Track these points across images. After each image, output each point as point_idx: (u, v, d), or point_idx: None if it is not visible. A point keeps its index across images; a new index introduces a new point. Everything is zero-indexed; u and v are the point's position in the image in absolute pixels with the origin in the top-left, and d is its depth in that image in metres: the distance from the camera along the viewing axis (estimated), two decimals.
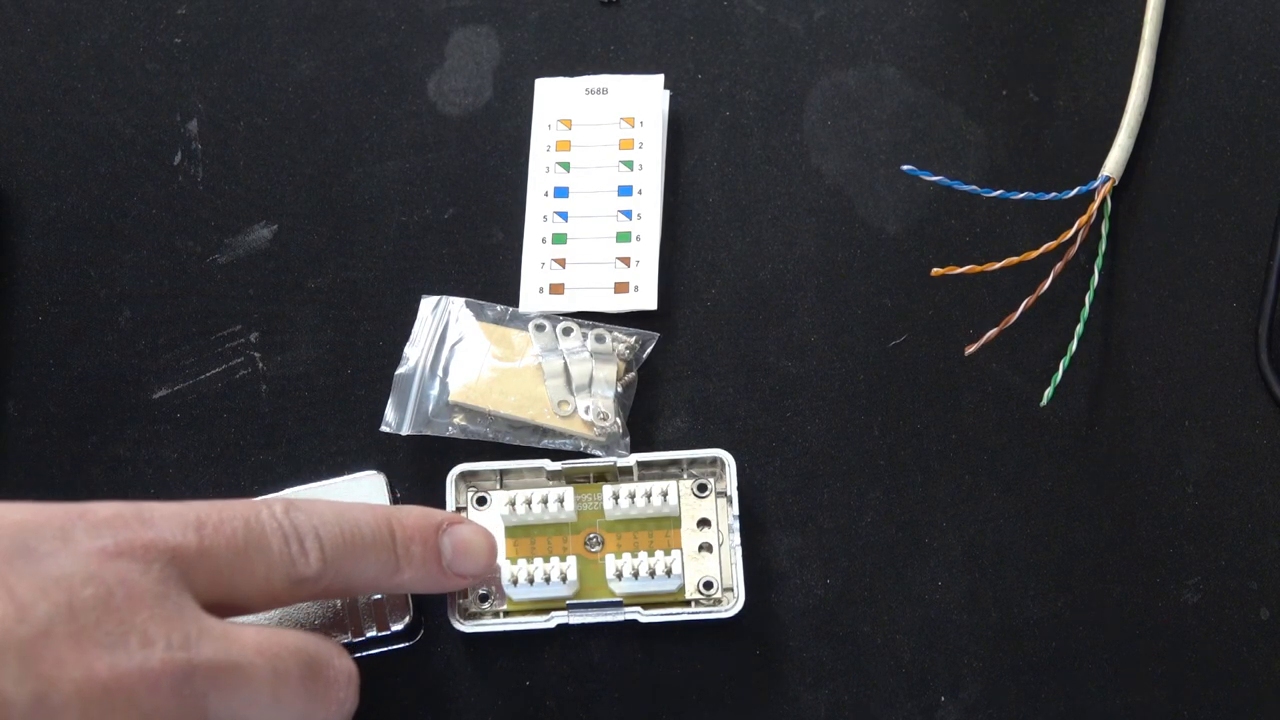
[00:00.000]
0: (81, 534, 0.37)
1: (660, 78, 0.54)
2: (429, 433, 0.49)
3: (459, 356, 0.50)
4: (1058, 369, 0.49)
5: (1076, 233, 0.50)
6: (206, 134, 0.55)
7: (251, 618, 0.42)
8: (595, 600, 0.47)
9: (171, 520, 0.39)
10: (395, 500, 0.48)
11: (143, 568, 0.37)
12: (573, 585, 0.47)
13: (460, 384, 0.50)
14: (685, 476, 0.49)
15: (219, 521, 0.39)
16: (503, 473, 0.49)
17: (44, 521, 0.37)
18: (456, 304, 0.51)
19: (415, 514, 0.44)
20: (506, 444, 0.49)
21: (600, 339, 0.50)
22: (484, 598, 0.47)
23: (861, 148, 0.54)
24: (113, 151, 0.54)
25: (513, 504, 0.48)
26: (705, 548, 0.48)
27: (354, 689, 0.41)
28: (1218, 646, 0.47)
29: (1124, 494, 0.49)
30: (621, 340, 0.50)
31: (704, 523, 0.48)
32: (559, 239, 0.53)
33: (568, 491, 0.48)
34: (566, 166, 0.53)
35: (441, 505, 0.48)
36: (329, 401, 0.51)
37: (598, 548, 0.48)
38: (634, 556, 0.47)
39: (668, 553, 0.47)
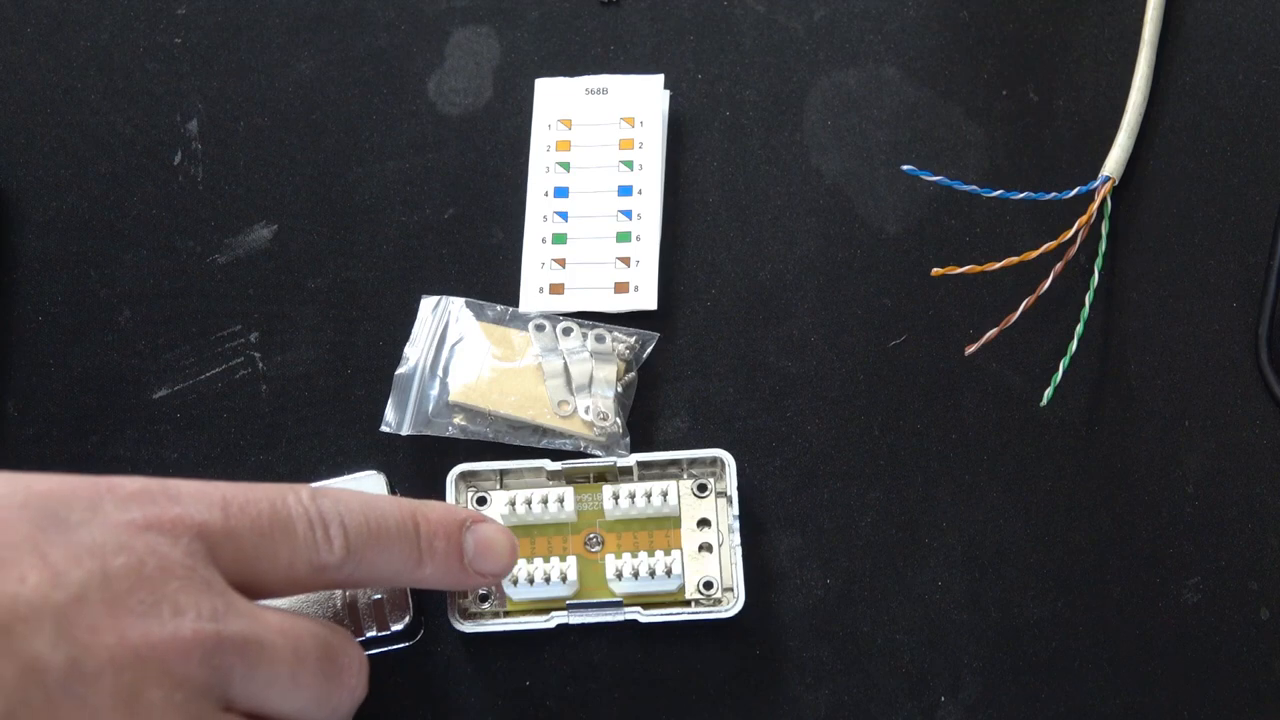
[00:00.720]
0: (110, 506, 0.38)
1: (660, 78, 0.54)
2: (429, 433, 0.49)
3: (459, 356, 0.50)
4: (1058, 369, 0.49)
5: (1076, 233, 0.50)
6: (206, 134, 0.55)
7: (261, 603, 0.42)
8: (595, 600, 0.47)
9: (198, 498, 0.39)
10: None
11: (171, 541, 0.38)
12: (573, 585, 0.47)
13: (460, 384, 0.50)
14: (685, 476, 0.49)
15: (245, 502, 0.39)
16: (503, 473, 0.49)
17: (71, 492, 0.38)
18: (456, 304, 0.51)
19: (440, 509, 0.44)
20: (506, 444, 0.49)
21: (600, 339, 0.50)
22: (484, 598, 0.47)
23: (861, 148, 0.54)
24: (113, 151, 0.54)
25: (513, 504, 0.48)
26: (705, 548, 0.48)
27: (365, 677, 0.42)
28: (1218, 646, 0.47)
29: (1124, 494, 0.49)
30: (621, 340, 0.50)
31: (704, 523, 0.48)
32: (559, 239, 0.53)
33: (568, 491, 0.48)
34: (566, 166, 0.53)
35: None
36: (329, 401, 0.51)
37: (598, 548, 0.48)
38: (634, 556, 0.47)
39: (668, 553, 0.47)
